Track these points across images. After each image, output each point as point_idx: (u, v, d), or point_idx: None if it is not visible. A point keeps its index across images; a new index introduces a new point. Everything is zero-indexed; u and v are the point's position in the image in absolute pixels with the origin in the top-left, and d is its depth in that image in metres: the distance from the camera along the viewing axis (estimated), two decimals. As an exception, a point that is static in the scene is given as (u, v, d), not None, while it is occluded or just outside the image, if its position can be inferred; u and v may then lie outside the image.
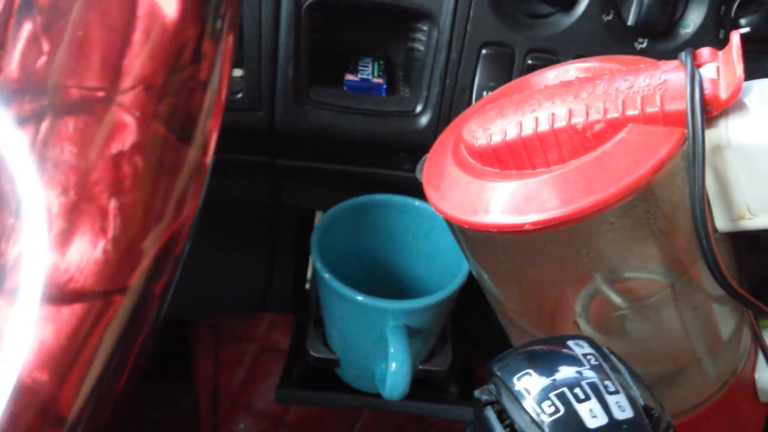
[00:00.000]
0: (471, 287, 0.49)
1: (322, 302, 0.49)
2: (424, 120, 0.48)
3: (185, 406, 0.77)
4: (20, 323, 0.22)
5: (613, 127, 0.29)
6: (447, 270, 0.49)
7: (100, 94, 0.22)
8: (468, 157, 0.34)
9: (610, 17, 0.43)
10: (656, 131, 0.29)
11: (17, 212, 0.22)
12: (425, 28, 0.48)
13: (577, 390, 0.22)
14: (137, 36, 0.22)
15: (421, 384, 0.49)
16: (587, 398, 0.22)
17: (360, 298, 0.43)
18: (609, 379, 0.23)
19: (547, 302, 0.35)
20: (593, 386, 0.23)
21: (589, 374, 0.23)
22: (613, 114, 0.29)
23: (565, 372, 0.23)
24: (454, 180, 0.33)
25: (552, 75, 0.37)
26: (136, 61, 0.22)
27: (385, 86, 0.49)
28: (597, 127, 0.30)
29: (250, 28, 0.44)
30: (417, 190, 0.51)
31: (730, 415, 0.39)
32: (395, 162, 0.50)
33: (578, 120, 0.30)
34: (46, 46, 0.22)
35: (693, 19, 0.44)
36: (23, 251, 0.22)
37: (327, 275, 0.44)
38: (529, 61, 0.45)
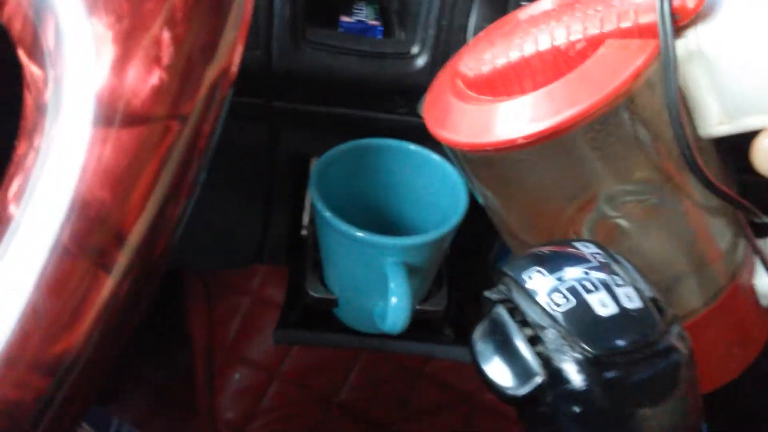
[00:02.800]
0: (464, 240, 0.50)
1: (320, 243, 0.50)
2: (420, 62, 0.48)
3: (180, 361, 0.78)
4: (77, 142, 0.22)
5: (594, 44, 0.32)
6: (443, 213, 0.50)
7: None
8: (464, 89, 0.36)
9: None
10: (632, 44, 0.31)
11: (62, 39, 0.22)
12: (420, -31, 0.48)
13: (586, 283, 0.23)
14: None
15: (417, 326, 0.50)
16: (597, 290, 0.23)
17: (360, 234, 0.44)
18: (616, 273, 0.24)
19: (546, 217, 0.37)
20: (602, 280, 0.23)
21: (597, 270, 0.24)
22: (592, 31, 0.32)
23: (574, 269, 0.24)
24: (452, 110, 0.36)
25: (537, 8, 0.38)
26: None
27: (381, 28, 0.49)
28: (578, 46, 0.32)
29: (246, -33, 0.44)
30: (412, 134, 0.52)
31: (731, 320, 0.40)
32: (391, 105, 0.51)
33: (561, 41, 0.32)
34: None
35: None
36: (74, 75, 0.22)
37: (327, 213, 0.45)
38: (524, 2, 0.46)
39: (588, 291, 0.23)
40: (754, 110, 0.31)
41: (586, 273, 0.24)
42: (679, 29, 0.31)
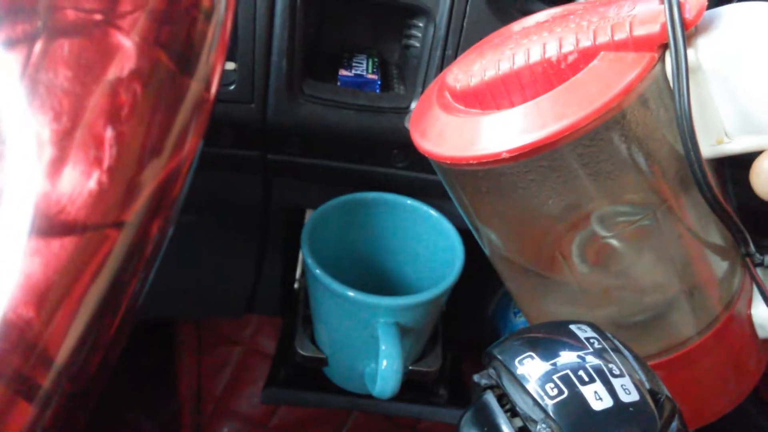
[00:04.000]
0: (461, 293, 0.49)
1: (311, 300, 0.48)
2: (418, 117, 0.47)
3: (168, 411, 0.75)
4: (6, 256, 0.20)
5: (586, 56, 0.30)
6: (439, 270, 0.49)
7: (98, 16, 0.21)
8: (451, 101, 0.35)
9: None
10: (627, 57, 0.29)
11: (3, 139, 0.20)
12: (421, 24, 0.47)
13: (581, 373, 0.22)
14: None
15: (410, 386, 0.48)
16: (592, 381, 0.22)
17: (351, 294, 0.43)
18: (613, 362, 0.22)
19: (534, 235, 0.35)
20: (597, 369, 0.22)
21: (593, 358, 0.22)
22: (585, 43, 0.30)
23: (568, 355, 0.23)
24: (438, 123, 0.34)
25: (531, 20, 0.37)
26: None
27: (379, 82, 0.48)
28: (570, 59, 0.30)
29: (244, 20, 0.44)
30: (410, 189, 0.51)
31: (726, 351, 0.38)
32: (388, 159, 0.50)
33: (552, 53, 0.31)
34: None
35: None
36: (10, 179, 0.20)
37: (318, 271, 0.44)
38: None
39: (582, 382, 0.21)
40: (756, 129, 0.30)
41: (582, 360, 0.22)
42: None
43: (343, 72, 0.48)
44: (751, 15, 0.30)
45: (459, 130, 0.32)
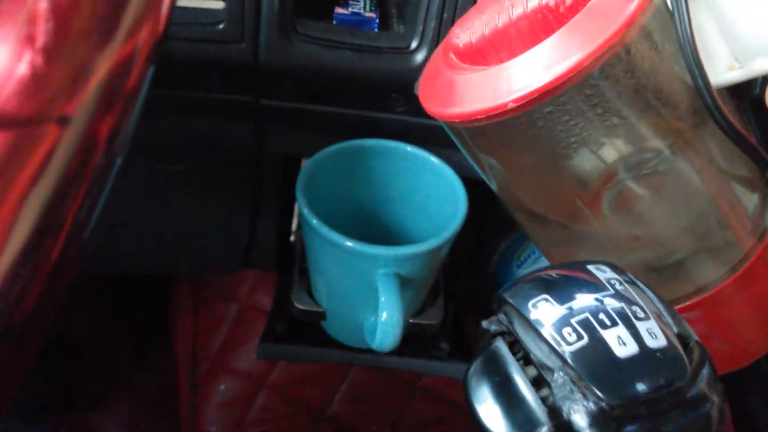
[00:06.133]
0: (463, 245, 0.47)
1: (308, 252, 0.46)
2: (419, 57, 0.45)
3: (164, 369, 0.74)
4: None
5: None
6: (441, 219, 0.47)
7: None
8: (456, 60, 0.34)
9: None
10: None
11: None
12: (422, -42, 0.45)
13: (601, 316, 0.20)
14: None
15: (411, 340, 0.47)
16: (614, 324, 0.20)
17: (349, 244, 0.41)
18: (636, 304, 0.20)
19: (556, 188, 0.34)
20: (620, 312, 0.20)
21: (614, 300, 0.20)
22: None
23: (587, 298, 0.21)
24: (444, 83, 0.34)
25: None
26: None
27: (377, 20, 0.46)
28: (569, 1, 0.30)
29: (232, -47, 0.41)
30: (411, 135, 0.48)
31: (761, 287, 0.37)
32: (388, 104, 0.47)
33: None
34: None
35: None
36: None
37: (314, 221, 0.41)
38: None
39: (604, 326, 0.19)
40: (764, 51, 0.29)
41: (602, 303, 0.20)
42: None
43: (339, 10, 0.46)
44: None
45: (464, 87, 0.32)
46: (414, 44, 0.45)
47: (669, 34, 0.29)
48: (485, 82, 0.31)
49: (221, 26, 0.43)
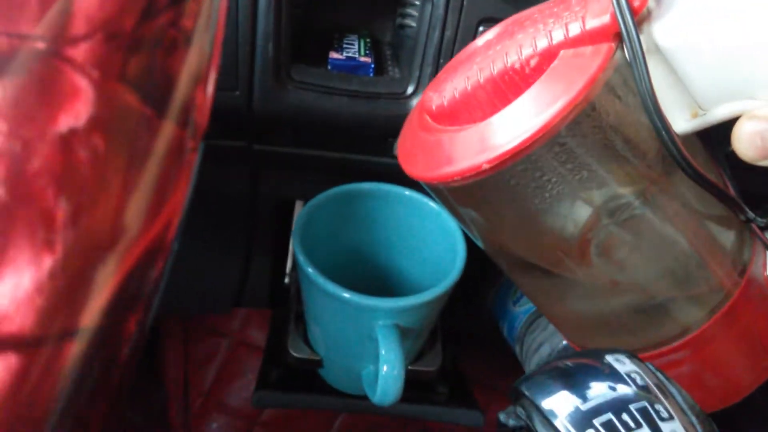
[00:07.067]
0: (459, 285, 0.46)
1: (304, 298, 0.46)
2: (415, 102, 0.44)
3: (156, 405, 0.73)
4: None
5: (548, 58, 0.31)
6: (439, 264, 0.46)
7: (41, 44, 0.15)
8: (430, 122, 0.35)
9: None
10: (586, 51, 0.30)
11: None
12: (417, 2, 0.44)
13: (625, 416, 0.19)
14: None
15: (409, 385, 0.46)
16: (638, 426, 0.19)
17: (347, 295, 0.40)
18: (659, 402, 0.20)
19: (535, 237, 0.35)
20: (643, 411, 0.19)
21: (636, 397, 0.20)
22: (543, 44, 0.30)
23: (609, 394, 0.20)
24: (419, 144, 0.35)
25: (491, 33, 0.37)
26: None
27: (373, 65, 0.45)
28: (533, 62, 0.31)
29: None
30: (407, 180, 0.48)
31: (748, 321, 0.37)
32: (384, 148, 0.47)
33: (514, 59, 0.31)
34: None
35: None
36: None
37: (311, 270, 0.41)
38: None
39: (627, 428, 0.19)
40: (724, 98, 0.30)
41: (624, 400, 0.20)
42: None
43: (333, 54, 0.45)
44: None
45: (438, 149, 0.33)
46: (410, 89, 0.44)
47: (632, 86, 0.30)
48: (459, 143, 0.32)
49: (215, 74, 0.42)
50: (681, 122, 0.32)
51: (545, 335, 0.52)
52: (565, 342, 0.49)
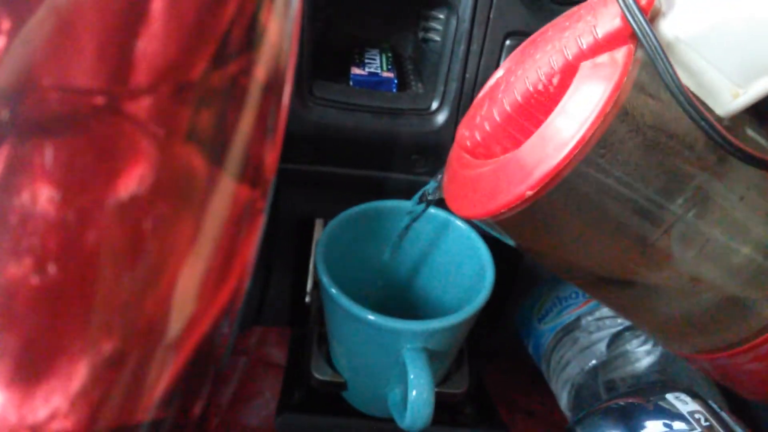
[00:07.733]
0: (485, 305, 0.45)
1: (327, 320, 0.44)
2: (440, 118, 0.43)
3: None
4: None
5: (570, 72, 0.30)
6: (466, 284, 0.45)
7: (100, 99, 0.12)
8: (469, 158, 0.35)
9: None
10: (605, 58, 0.29)
11: None
12: (442, 16, 0.43)
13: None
14: (156, 4, 0.13)
15: (436, 407, 0.45)
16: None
17: (373, 318, 0.39)
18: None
19: (607, 249, 0.34)
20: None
21: (700, 439, 0.19)
22: (560, 61, 0.30)
23: (669, 436, 0.19)
24: (461, 182, 0.34)
25: (512, 58, 0.37)
26: (155, 44, 0.13)
27: (396, 81, 0.44)
28: (555, 80, 0.30)
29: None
30: (431, 196, 0.47)
31: None
32: (408, 165, 0.46)
33: (535, 81, 0.31)
34: (4, 22, 0.12)
35: None
36: None
37: (334, 291, 0.40)
38: None
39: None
40: (760, 71, 0.29)
41: (688, 444, 0.18)
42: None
43: (355, 70, 0.44)
44: None
45: (480, 184, 0.33)
46: (435, 105, 0.43)
47: (661, 83, 0.30)
48: (499, 175, 0.31)
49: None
50: (725, 104, 0.31)
51: (572, 353, 0.51)
52: (594, 361, 0.48)
